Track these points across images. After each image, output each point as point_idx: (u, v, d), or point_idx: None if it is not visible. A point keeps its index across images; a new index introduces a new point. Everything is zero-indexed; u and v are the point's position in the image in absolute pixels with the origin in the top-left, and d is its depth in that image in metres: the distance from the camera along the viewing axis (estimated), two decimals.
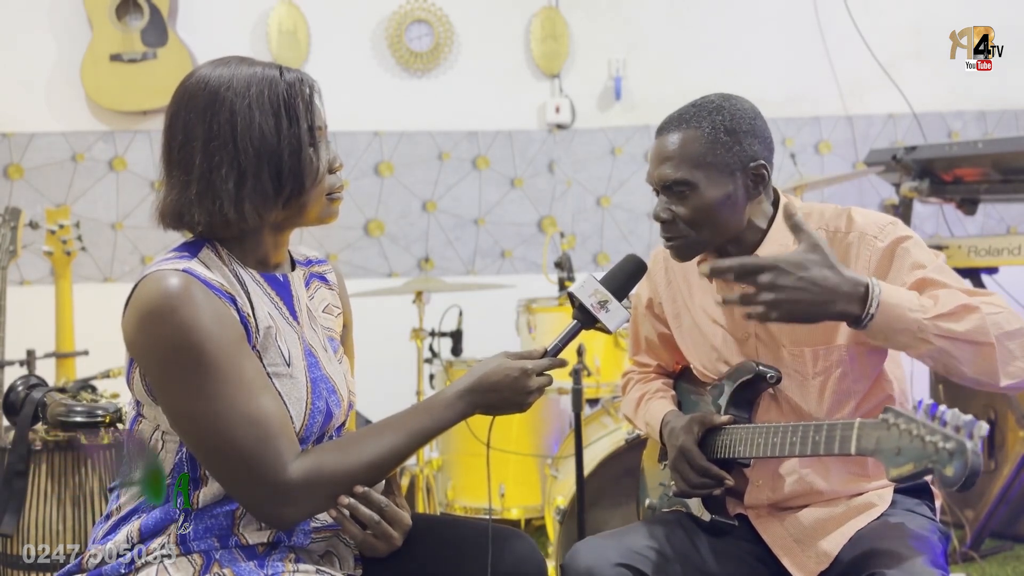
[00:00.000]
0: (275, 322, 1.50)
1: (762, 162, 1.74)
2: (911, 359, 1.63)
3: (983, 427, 1.22)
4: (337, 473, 1.44)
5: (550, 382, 1.57)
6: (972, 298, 1.56)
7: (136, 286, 1.43)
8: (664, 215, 1.76)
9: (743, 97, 1.79)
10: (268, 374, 1.46)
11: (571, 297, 1.64)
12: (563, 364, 1.60)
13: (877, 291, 1.49)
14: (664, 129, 1.77)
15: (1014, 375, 1.54)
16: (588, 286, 1.63)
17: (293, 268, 1.62)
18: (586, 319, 1.64)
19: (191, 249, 1.48)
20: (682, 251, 1.78)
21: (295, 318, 1.55)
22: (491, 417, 1.59)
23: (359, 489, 1.46)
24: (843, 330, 1.72)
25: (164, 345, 1.38)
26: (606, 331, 1.64)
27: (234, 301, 1.43)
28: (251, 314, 1.45)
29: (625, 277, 1.67)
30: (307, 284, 1.64)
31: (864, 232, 1.70)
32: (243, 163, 1.43)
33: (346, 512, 1.47)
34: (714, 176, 1.71)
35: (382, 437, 1.48)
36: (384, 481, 1.61)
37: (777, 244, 1.77)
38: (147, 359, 1.41)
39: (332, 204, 1.54)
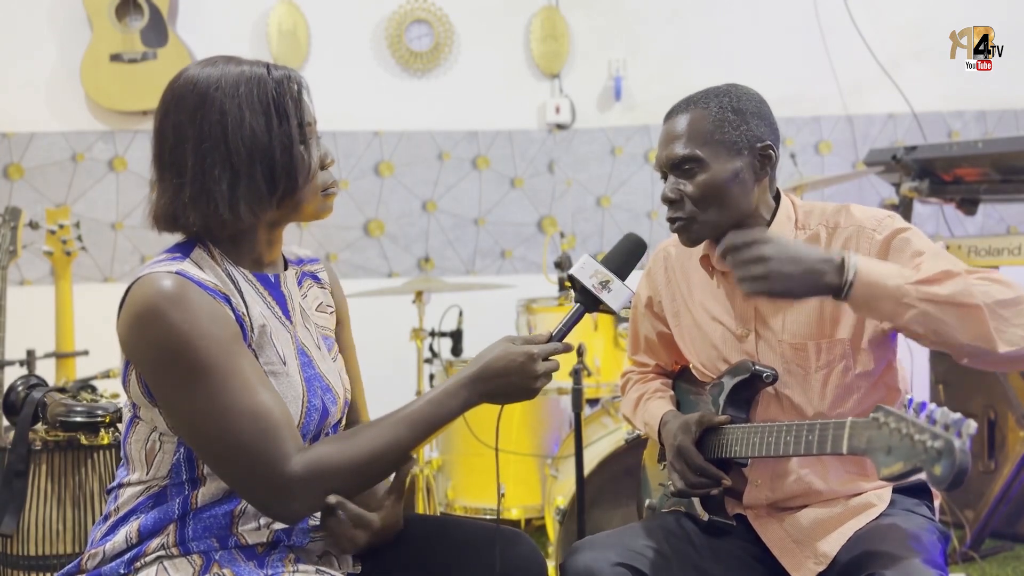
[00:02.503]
0: (268, 321, 1.49)
1: (769, 143, 1.75)
2: (911, 358, 1.64)
3: (971, 425, 1.22)
4: (341, 466, 1.43)
5: (557, 367, 1.53)
6: (970, 275, 1.56)
7: (129, 289, 1.43)
8: (672, 194, 1.76)
9: (748, 86, 1.81)
10: (264, 372, 1.46)
11: (571, 280, 1.61)
12: (569, 349, 1.56)
13: (853, 260, 1.54)
14: (672, 113, 1.80)
15: (1013, 342, 1.52)
16: (588, 267, 1.59)
17: (285, 268, 1.62)
18: (588, 301, 1.60)
19: (183, 250, 1.48)
20: (689, 232, 1.77)
21: (288, 317, 1.55)
22: (498, 409, 1.56)
23: (332, 499, 1.44)
24: (845, 324, 1.72)
25: (161, 347, 1.38)
26: (611, 312, 1.61)
27: (228, 300, 1.43)
28: (246, 313, 1.45)
29: (625, 255, 1.64)
30: (299, 283, 1.64)
31: (862, 226, 1.72)
32: (236, 163, 1.43)
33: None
34: (722, 153, 1.73)
35: (386, 429, 1.47)
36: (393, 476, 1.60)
37: None
38: (144, 362, 1.41)
39: (327, 200, 1.54)
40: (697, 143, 1.74)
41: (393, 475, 1.59)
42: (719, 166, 1.73)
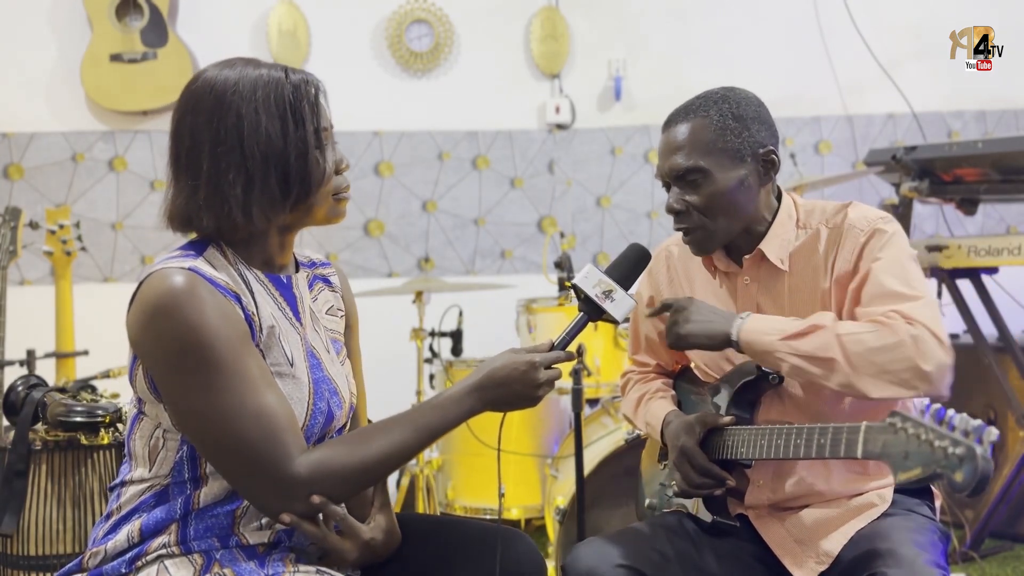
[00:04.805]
0: (278, 322, 1.50)
1: (771, 148, 1.75)
2: None
3: (992, 432, 1.22)
4: (345, 468, 1.44)
5: (559, 375, 1.55)
6: (894, 307, 1.61)
7: (141, 284, 1.43)
8: (678, 206, 1.76)
9: (745, 89, 1.80)
10: (271, 373, 1.46)
11: (575, 289, 1.62)
12: (571, 357, 1.58)
13: (739, 322, 1.70)
14: (671, 122, 1.78)
15: (880, 388, 1.58)
16: (592, 277, 1.61)
17: (297, 270, 1.62)
18: (592, 311, 1.61)
19: (196, 248, 1.48)
20: (700, 243, 1.78)
21: (298, 319, 1.56)
22: (500, 416, 1.57)
23: (316, 499, 1.43)
24: None
25: (170, 342, 1.38)
26: (614, 322, 1.62)
27: (239, 299, 1.44)
28: (255, 313, 1.46)
29: (629, 266, 1.66)
30: (310, 286, 1.64)
31: (853, 224, 1.74)
32: (250, 168, 1.44)
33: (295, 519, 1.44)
34: (725, 162, 1.73)
35: (390, 433, 1.47)
36: (373, 490, 1.60)
37: (779, 239, 1.78)
38: (152, 356, 1.41)
39: (339, 204, 1.55)
40: (700, 153, 1.73)
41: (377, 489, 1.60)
42: (724, 175, 1.73)
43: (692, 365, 1.97)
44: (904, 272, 1.67)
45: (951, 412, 1.27)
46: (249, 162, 1.43)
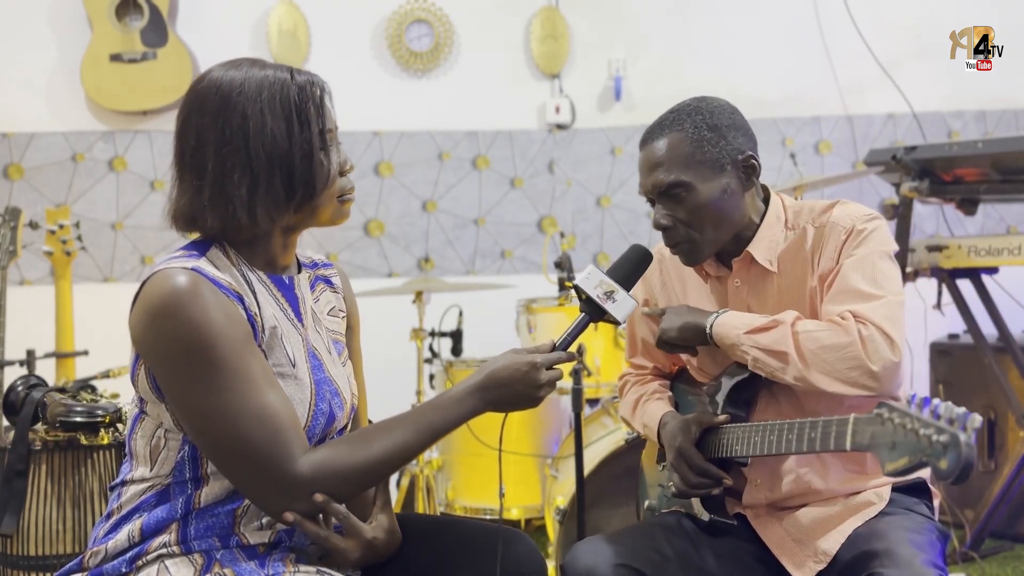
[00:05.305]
0: (280, 323, 1.50)
1: (750, 153, 1.76)
2: (911, 358, 1.67)
3: (976, 419, 1.23)
4: (347, 468, 1.44)
5: (561, 375, 1.55)
6: (836, 305, 1.67)
7: (144, 283, 1.43)
8: (664, 221, 1.76)
9: (716, 96, 1.80)
10: (273, 373, 1.46)
11: (577, 289, 1.62)
12: (573, 358, 1.59)
13: (714, 317, 1.76)
14: (648, 138, 1.79)
15: (829, 383, 1.63)
16: (593, 277, 1.61)
17: (299, 271, 1.62)
18: (594, 311, 1.61)
19: (200, 248, 1.48)
20: (690, 254, 1.79)
21: (300, 320, 1.56)
22: (502, 417, 1.58)
23: (319, 498, 1.43)
24: None
25: (173, 342, 1.39)
26: (615, 323, 1.62)
27: (241, 300, 1.44)
28: (258, 313, 1.46)
29: (630, 267, 1.66)
30: (312, 287, 1.64)
31: (836, 223, 1.75)
32: (255, 168, 1.44)
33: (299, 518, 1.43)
34: (706, 173, 1.73)
35: (392, 433, 1.48)
36: (373, 490, 1.60)
37: (767, 240, 1.79)
38: (155, 356, 1.42)
39: (343, 206, 1.55)
40: (680, 167, 1.74)
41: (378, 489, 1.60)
42: (706, 186, 1.74)
43: (688, 366, 1.97)
44: (872, 270, 1.68)
45: (936, 401, 1.28)
46: (254, 163, 1.44)
